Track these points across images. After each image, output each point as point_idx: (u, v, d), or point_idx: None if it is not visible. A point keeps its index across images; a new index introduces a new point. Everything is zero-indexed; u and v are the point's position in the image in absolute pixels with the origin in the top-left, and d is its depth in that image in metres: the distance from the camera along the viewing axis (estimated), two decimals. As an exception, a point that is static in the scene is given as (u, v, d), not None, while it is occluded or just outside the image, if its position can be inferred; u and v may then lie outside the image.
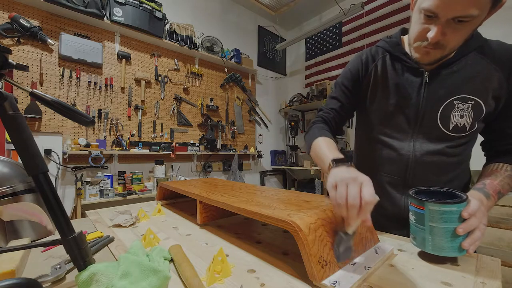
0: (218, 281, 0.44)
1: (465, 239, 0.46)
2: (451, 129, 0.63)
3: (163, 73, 2.78)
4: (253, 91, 3.74)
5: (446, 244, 0.46)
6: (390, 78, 0.71)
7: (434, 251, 0.48)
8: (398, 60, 0.70)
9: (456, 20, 0.51)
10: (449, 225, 0.46)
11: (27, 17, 1.98)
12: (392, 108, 0.70)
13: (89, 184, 2.09)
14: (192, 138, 3.00)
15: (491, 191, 0.55)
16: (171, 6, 2.85)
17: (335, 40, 3.59)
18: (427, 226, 0.48)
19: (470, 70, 0.61)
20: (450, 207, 0.46)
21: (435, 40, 0.54)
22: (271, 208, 0.53)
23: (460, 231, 0.45)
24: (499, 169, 0.60)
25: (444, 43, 0.55)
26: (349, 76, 0.79)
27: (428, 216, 0.48)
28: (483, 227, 0.47)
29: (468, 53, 0.62)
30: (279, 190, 0.79)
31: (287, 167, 3.79)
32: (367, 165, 0.79)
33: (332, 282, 0.41)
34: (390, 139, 0.72)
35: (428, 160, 0.67)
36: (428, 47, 0.57)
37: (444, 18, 0.51)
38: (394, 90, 0.70)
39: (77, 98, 2.21)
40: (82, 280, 0.37)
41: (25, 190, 0.64)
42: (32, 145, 0.41)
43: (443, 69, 0.63)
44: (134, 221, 0.78)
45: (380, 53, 0.74)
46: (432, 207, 0.47)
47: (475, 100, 0.60)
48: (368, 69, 0.76)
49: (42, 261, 0.53)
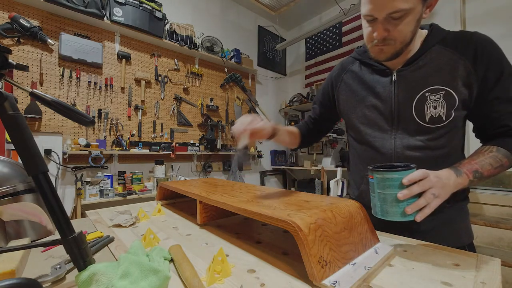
0: (218, 281, 0.44)
1: (409, 205, 0.49)
2: (427, 121, 0.65)
3: (163, 73, 2.78)
4: (253, 91, 3.74)
5: (391, 209, 0.50)
6: (362, 82, 0.77)
7: (382, 215, 0.52)
8: (367, 65, 0.77)
9: (390, 16, 0.57)
10: (392, 191, 0.50)
11: (27, 17, 1.98)
12: (369, 109, 0.75)
13: (89, 184, 2.09)
14: (192, 138, 3.00)
15: (464, 169, 0.56)
16: (171, 6, 2.85)
17: (335, 40, 3.59)
18: (376, 193, 0.53)
19: (435, 62, 0.65)
20: (392, 174, 0.49)
21: (380, 37, 0.61)
22: (271, 208, 0.53)
23: (400, 195, 0.48)
24: (484, 151, 0.61)
25: (391, 38, 0.61)
26: (321, 92, 0.93)
27: (376, 184, 0.52)
28: (430, 196, 0.49)
29: (431, 47, 0.66)
30: (279, 190, 0.79)
31: (287, 167, 3.79)
32: (359, 166, 0.80)
33: (332, 282, 0.41)
34: (373, 139, 0.74)
35: (411, 155, 0.68)
36: (379, 45, 0.64)
37: (380, 17, 0.59)
38: (367, 92, 0.75)
39: (77, 98, 2.21)
40: (82, 280, 0.37)
41: (25, 190, 0.64)
42: (32, 145, 0.41)
43: (409, 66, 0.68)
44: (134, 221, 0.78)
45: (351, 62, 0.83)
46: (378, 176, 0.51)
47: (445, 90, 0.63)
48: (339, 79, 0.85)
49: (42, 261, 0.53)
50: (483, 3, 2.28)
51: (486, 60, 0.61)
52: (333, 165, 3.18)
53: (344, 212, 0.53)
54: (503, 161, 0.59)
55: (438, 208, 0.66)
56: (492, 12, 2.23)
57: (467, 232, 0.72)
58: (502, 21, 2.16)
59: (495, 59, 0.61)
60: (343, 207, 0.55)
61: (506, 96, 0.61)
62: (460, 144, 0.71)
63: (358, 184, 0.81)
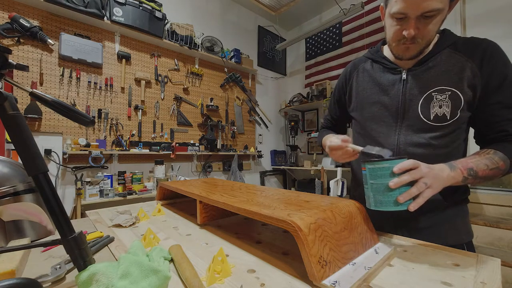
0: (218, 281, 0.44)
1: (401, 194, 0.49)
2: (432, 119, 0.67)
3: (163, 73, 2.77)
4: (253, 91, 3.74)
5: (384, 199, 0.50)
6: (373, 79, 0.79)
7: (376, 206, 0.52)
8: (379, 63, 0.79)
9: (424, 15, 0.59)
10: (383, 181, 0.50)
11: (27, 17, 1.98)
12: (377, 106, 0.76)
13: (89, 184, 2.09)
14: (192, 138, 3.00)
15: (459, 165, 0.57)
16: (171, 6, 2.85)
17: (335, 40, 3.59)
18: (369, 184, 0.53)
19: (444, 64, 0.67)
20: (382, 164, 0.50)
21: (411, 35, 0.62)
22: (271, 208, 0.53)
23: (391, 184, 0.49)
24: (481, 152, 0.62)
25: (420, 36, 0.63)
26: (336, 88, 0.95)
27: (368, 174, 0.53)
28: (422, 185, 0.49)
29: (442, 50, 0.68)
30: (279, 190, 0.79)
31: (287, 167, 3.79)
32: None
33: (332, 282, 0.41)
34: (378, 134, 0.76)
35: (413, 152, 0.69)
36: (407, 43, 0.65)
37: (414, 15, 0.60)
38: (376, 88, 0.77)
39: (77, 98, 2.21)
40: (82, 280, 0.37)
41: (25, 190, 0.64)
42: (32, 145, 0.41)
43: (419, 66, 0.70)
44: (134, 221, 0.78)
45: (363, 61, 0.86)
46: (370, 166, 0.52)
47: (451, 90, 0.65)
48: (351, 76, 0.87)
49: (42, 261, 0.53)
50: (483, 3, 2.28)
51: (492, 64, 0.62)
52: (333, 165, 3.18)
53: (344, 212, 0.53)
54: (499, 164, 0.59)
55: (438, 206, 0.65)
56: (492, 12, 2.23)
57: (467, 230, 0.72)
58: (502, 21, 2.16)
59: (499, 64, 0.62)
60: (343, 207, 0.55)
61: (507, 102, 0.62)
62: (462, 147, 0.71)
63: (360, 182, 0.82)
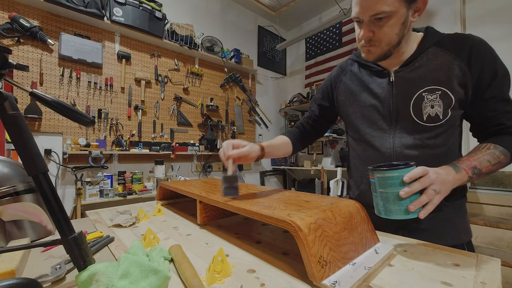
0: (218, 281, 0.44)
1: (412, 202, 0.49)
2: (425, 120, 0.67)
3: (163, 73, 2.78)
4: (253, 91, 3.74)
5: (394, 207, 0.50)
6: (361, 82, 0.79)
7: (386, 215, 0.52)
8: (365, 67, 0.78)
9: (374, 18, 0.61)
10: (394, 190, 0.50)
11: (27, 17, 1.98)
12: (368, 110, 0.76)
13: (89, 184, 2.09)
14: (192, 138, 3.00)
15: (463, 166, 0.57)
16: (171, 6, 2.85)
17: (335, 40, 3.59)
18: (378, 193, 0.52)
19: (431, 63, 0.67)
20: (392, 173, 0.50)
21: (365, 38, 0.65)
22: (271, 208, 0.53)
23: (402, 193, 0.48)
24: (482, 148, 0.63)
25: (377, 39, 0.64)
26: (321, 92, 0.95)
27: (377, 183, 0.52)
28: (432, 192, 0.49)
29: (427, 49, 0.68)
30: (279, 190, 0.79)
31: (287, 167, 3.79)
32: (359, 166, 0.81)
33: (332, 282, 0.41)
34: (372, 138, 0.75)
35: (410, 154, 0.69)
36: (366, 46, 0.67)
37: (365, 19, 0.62)
38: (366, 93, 0.77)
39: (77, 98, 2.21)
40: (82, 280, 0.37)
41: (25, 190, 0.64)
42: (32, 145, 0.41)
43: (406, 67, 0.69)
44: (134, 221, 0.78)
45: (350, 64, 0.85)
46: (379, 175, 0.51)
47: (441, 89, 0.65)
48: (338, 79, 0.87)
49: (42, 261, 0.53)
50: (483, 3, 2.28)
51: (481, 61, 0.63)
52: (333, 165, 3.18)
53: (344, 212, 0.53)
54: (500, 158, 0.60)
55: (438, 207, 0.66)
56: (492, 12, 2.22)
57: (466, 230, 0.72)
58: (502, 22, 2.16)
59: (489, 61, 0.63)
60: (343, 207, 0.55)
61: (501, 95, 0.63)
62: (457, 143, 0.72)
63: (358, 183, 0.82)
